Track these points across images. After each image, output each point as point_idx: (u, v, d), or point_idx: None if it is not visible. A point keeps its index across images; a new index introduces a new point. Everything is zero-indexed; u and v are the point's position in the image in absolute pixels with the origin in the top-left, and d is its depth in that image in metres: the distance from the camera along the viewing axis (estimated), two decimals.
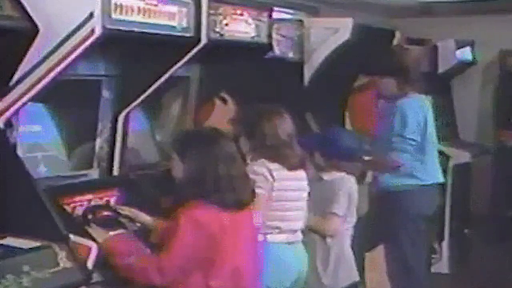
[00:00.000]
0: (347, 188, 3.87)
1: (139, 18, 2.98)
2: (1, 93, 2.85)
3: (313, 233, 3.80)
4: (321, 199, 3.78)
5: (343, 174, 3.90)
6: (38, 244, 2.67)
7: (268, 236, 3.43)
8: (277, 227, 3.47)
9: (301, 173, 3.57)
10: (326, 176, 3.90)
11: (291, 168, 3.49)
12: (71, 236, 2.77)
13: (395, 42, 5.52)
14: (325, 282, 3.81)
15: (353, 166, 3.95)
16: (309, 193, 3.62)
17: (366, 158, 4.68)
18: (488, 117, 7.71)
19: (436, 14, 7.56)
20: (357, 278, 3.98)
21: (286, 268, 3.51)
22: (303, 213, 3.60)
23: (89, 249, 2.79)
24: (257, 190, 3.20)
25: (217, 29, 3.54)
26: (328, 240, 3.83)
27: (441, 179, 4.97)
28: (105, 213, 3.19)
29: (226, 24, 3.61)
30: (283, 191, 3.46)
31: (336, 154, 3.88)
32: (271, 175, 3.42)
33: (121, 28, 2.89)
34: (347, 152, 3.92)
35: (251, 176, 3.18)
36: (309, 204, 3.66)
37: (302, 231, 3.62)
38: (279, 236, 3.49)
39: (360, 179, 4.44)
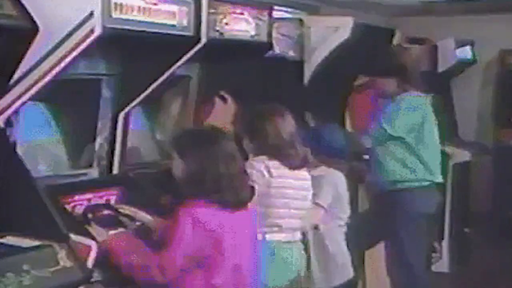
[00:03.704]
0: (332, 181, 3.86)
1: (139, 17, 2.98)
2: (1, 92, 2.85)
3: (307, 231, 3.80)
4: None
5: (330, 169, 3.89)
6: (38, 243, 2.67)
7: (267, 235, 3.43)
8: (277, 225, 3.47)
9: (303, 173, 3.56)
10: (314, 172, 3.88)
11: (292, 167, 3.49)
12: (71, 235, 2.76)
13: (395, 41, 5.53)
14: (320, 279, 3.81)
15: (341, 163, 3.94)
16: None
17: (365, 157, 4.70)
18: (488, 117, 7.71)
19: (436, 13, 7.56)
20: (351, 275, 3.98)
21: (285, 267, 3.50)
22: (304, 212, 3.59)
23: (89, 248, 2.79)
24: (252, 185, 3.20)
25: (217, 28, 3.53)
26: (319, 232, 3.82)
27: (440, 178, 4.96)
28: (105, 212, 3.19)
29: (226, 23, 3.60)
30: (282, 188, 3.45)
31: (323, 151, 3.88)
32: (269, 171, 3.41)
33: (121, 27, 2.89)
34: (334, 150, 3.92)
35: (248, 170, 3.18)
36: None
37: (302, 231, 3.62)
38: (278, 235, 3.48)
39: (361, 179, 4.44)
